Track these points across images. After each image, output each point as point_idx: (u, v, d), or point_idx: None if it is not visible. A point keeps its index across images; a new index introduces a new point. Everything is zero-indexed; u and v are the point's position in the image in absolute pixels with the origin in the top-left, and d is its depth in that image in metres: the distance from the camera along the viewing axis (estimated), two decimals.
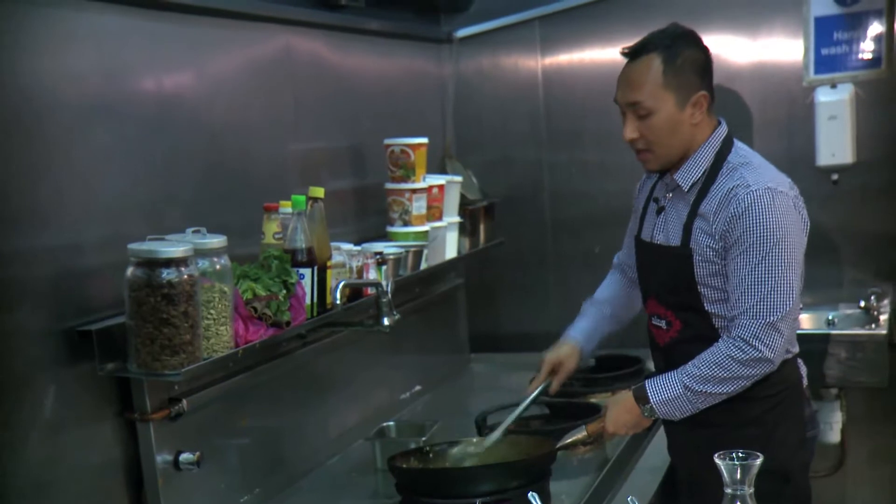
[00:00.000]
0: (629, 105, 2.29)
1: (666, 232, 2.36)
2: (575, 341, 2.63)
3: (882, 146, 3.39)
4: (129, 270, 1.87)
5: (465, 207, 3.41)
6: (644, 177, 2.55)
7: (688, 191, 2.31)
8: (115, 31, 2.11)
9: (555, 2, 3.66)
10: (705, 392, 2.23)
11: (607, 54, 3.57)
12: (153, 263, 1.86)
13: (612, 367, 3.17)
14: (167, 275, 1.86)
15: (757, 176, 2.24)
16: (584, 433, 2.37)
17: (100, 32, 2.06)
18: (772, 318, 2.18)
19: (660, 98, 2.26)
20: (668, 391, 2.26)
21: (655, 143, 2.30)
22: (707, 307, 2.29)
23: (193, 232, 2.02)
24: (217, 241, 2.02)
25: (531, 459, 2.30)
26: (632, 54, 2.31)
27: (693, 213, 2.28)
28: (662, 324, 2.39)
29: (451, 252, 3.26)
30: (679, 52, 2.27)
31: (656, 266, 2.39)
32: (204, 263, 1.98)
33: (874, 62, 3.36)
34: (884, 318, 3.34)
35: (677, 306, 2.34)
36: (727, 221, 2.22)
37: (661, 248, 2.37)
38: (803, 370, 2.42)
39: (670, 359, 2.35)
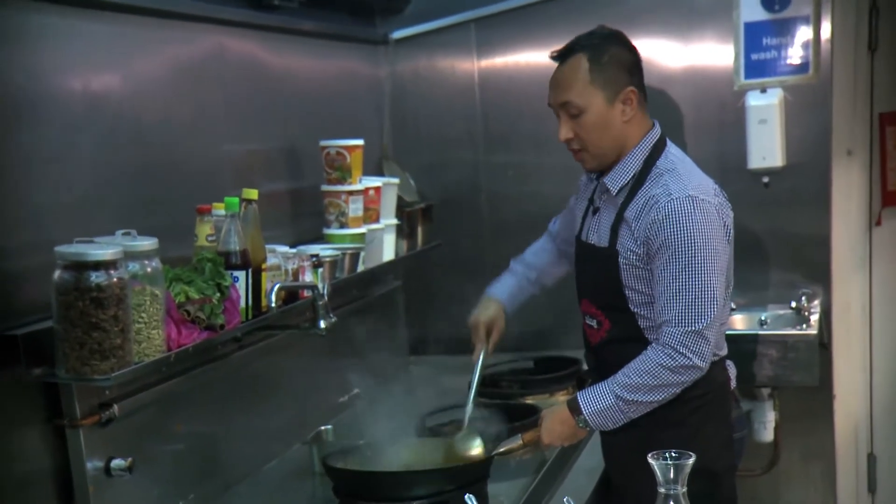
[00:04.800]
0: (561, 106, 2.33)
1: (598, 233, 2.39)
2: (500, 301, 2.67)
3: (810, 149, 3.46)
4: (56, 273, 1.83)
5: (402, 209, 3.40)
6: (584, 178, 2.56)
7: (616, 194, 2.34)
8: (40, 29, 2.06)
9: (490, 4, 3.67)
10: (636, 401, 2.24)
11: (543, 57, 3.50)
12: (81, 266, 1.82)
13: (548, 369, 3.19)
14: (96, 278, 1.82)
15: (680, 183, 2.26)
16: (520, 442, 2.37)
17: (24, 30, 2.02)
18: (697, 326, 2.21)
19: (588, 95, 2.30)
20: (600, 402, 2.27)
21: (589, 142, 2.33)
22: (633, 308, 2.31)
23: (123, 234, 1.99)
24: (148, 243, 1.98)
25: (467, 466, 2.30)
26: (560, 57, 2.36)
27: (619, 218, 2.31)
28: (594, 323, 2.42)
29: (388, 254, 3.25)
30: (605, 49, 2.32)
31: (589, 266, 2.42)
32: (134, 266, 1.94)
33: (802, 67, 3.42)
34: (814, 318, 3.40)
35: (606, 306, 2.37)
36: (647, 228, 2.24)
37: (592, 249, 2.39)
38: (732, 372, 2.45)
39: (601, 358, 2.39)
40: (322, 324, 2.53)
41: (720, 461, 2.36)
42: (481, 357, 2.60)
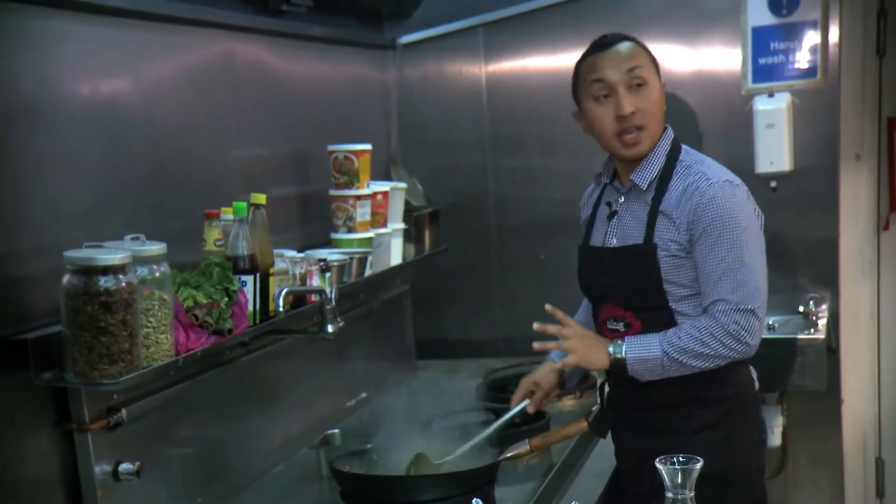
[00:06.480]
0: (626, 73, 2.28)
1: (622, 234, 2.37)
2: (552, 360, 2.61)
3: (818, 154, 3.45)
4: (66, 278, 1.84)
5: (409, 214, 3.41)
6: (590, 188, 2.56)
7: (645, 190, 2.33)
8: (52, 35, 2.07)
9: (498, 9, 3.68)
10: (680, 361, 2.24)
11: (550, 62, 3.59)
12: (90, 271, 1.83)
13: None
14: (105, 282, 1.83)
15: (714, 171, 2.30)
16: (528, 447, 2.37)
17: (36, 36, 2.03)
18: (750, 304, 2.22)
19: (651, 68, 2.32)
20: (647, 351, 2.26)
21: (650, 116, 2.31)
22: (672, 305, 2.30)
23: (132, 239, 2.00)
24: (156, 248, 1.99)
25: (475, 470, 2.30)
26: (608, 43, 2.33)
27: (654, 212, 2.31)
28: (620, 326, 2.38)
29: (395, 259, 3.25)
30: (641, 41, 2.37)
31: (614, 268, 2.38)
32: (143, 271, 1.95)
33: (810, 71, 3.42)
34: (822, 322, 3.40)
35: (638, 306, 2.34)
36: (692, 213, 2.25)
37: (618, 250, 2.37)
38: (754, 374, 2.45)
39: None
40: (330, 328, 2.54)
41: (752, 463, 2.38)
42: (509, 414, 2.55)
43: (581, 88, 2.36)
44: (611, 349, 2.29)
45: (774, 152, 3.43)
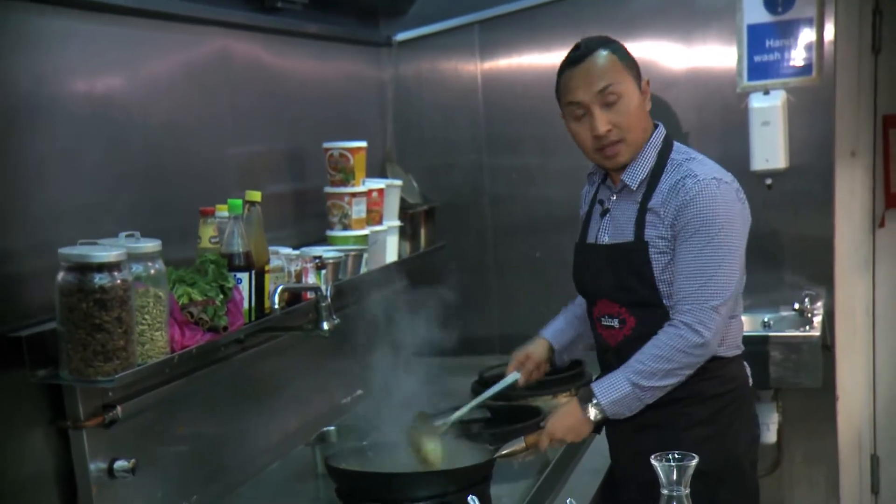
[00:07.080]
0: (598, 94, 2.27)
1: (613, 231, 2.37)
2: (542, 336, 2.65)
3: (813, 151, 3.46)
4: (60, 275, 1.84)
5: (405, 211, 3.41)
6: (586, 187, 2.57)
7: (636, 189, 2.34)
8: (49, 32, 2.07)
9: (494, 6, 3.68)
10: (653, 386, 2.25)
11: (546, 59, 3.59)
12: (85, 268, 1.83)
13: (551, 371, 3.17)
14: (100, 280, 1.83)
15: (703, 168, 2.30)
16: (523, 444, 2.37)
17: (31, 34, 2.03)
18: (714, 301, 2.23)
19: (624, 80, 2.28)
20: (617, 391, 2.26)
21: (628, 129, 2.29)
22: (665, 301, 2.30)
23: (127, 236, 2.00)
24: (151, 245, 1.99)
25: (470, 468, 2.30)
26: (580, 57, 2.30)
27: (643, 209, 2.31)
28: (615, 322, 2.38)
29: (391, 256, 3.25)
30: (617, 44, 2.34)
31: (606, 265, 2.39)
32: (138, 268, 1.95)
33: (805, 69, 3.43)
34: (818, 320, 3.40)
35: (632, 303, 2.34)
36: (676, 209, 2.26)
37: (609, 248, 2.37)
38: (748, 370, 2.45)
39: (624, 358, 2.33)
40: (325, 325, 2.54)
41: (748, 457, 2.38)
42: (505, 380, 2.57)
43: (561, 103, 2.36)
44: (589, 414, 2.29)
45: (770, 150, 3.43)
